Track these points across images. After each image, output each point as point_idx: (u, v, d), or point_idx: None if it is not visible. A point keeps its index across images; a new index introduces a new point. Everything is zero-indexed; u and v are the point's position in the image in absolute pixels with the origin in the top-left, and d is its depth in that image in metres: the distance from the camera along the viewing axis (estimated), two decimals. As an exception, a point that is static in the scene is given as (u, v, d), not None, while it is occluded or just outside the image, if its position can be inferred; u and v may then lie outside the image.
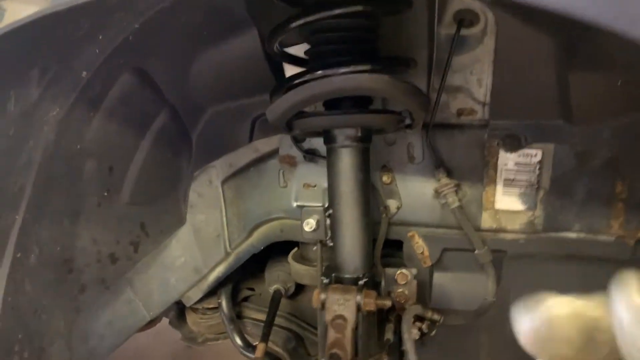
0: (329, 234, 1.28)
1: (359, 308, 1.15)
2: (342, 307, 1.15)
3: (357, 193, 1.21)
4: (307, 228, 1.34)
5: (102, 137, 1.26)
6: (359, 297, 1.15)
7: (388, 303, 1.17)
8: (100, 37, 1.07)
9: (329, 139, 1.20)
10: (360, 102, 1.17)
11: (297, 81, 1.09)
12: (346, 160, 1.20)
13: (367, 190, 1.24)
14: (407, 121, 1.15)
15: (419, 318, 1.25)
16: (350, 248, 1.24)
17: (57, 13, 0.89)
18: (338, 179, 1.22)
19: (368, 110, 1.18)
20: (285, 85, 1.13)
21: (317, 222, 1.34)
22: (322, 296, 1.17)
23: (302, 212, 1.38)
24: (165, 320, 2.02)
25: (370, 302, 1.15)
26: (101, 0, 0.94)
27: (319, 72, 1.06)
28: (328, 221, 1.27)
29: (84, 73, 1.12)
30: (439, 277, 1.46)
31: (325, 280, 1.22)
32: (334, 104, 1.16)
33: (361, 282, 1.20)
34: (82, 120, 1.20)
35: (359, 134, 1.17)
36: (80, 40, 1.04)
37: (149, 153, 1.39)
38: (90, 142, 1.25)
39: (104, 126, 1.25)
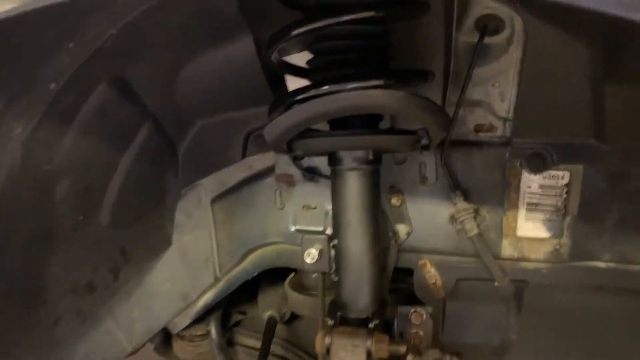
0: (333, 267, 1.14)
1: (369, 355, 1.01)
2: (350, 354, 1.01)
3: (366, 221, 1.08)
4: (308, 259, 1.19)
5: (76, 155, 1.13)
6: (369, 343, 1.01)
7: (403, 349, 1.03)
8: (71, 45, 0.92)
9: (334, 160, 1.07)
10: (369, 120, 1.03)
11: (300, 97, 0.95)
12: (354, 184, 1.06)
13: (376, 218, 1.10)
14: (424, 141, 1.01)
15: (435, 362, 1.12)
16: (358, 284, 1.10)
17: (16, 17, 0.75)
18: (344, 205, 1.08)
19: (382, 131, 1.05)
20: (286, 101, 0.98)
21: (320, 252, 1.20)
22: (327, 340, 1.03)
23: (302, 240, 1.24)
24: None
25: (382, 349, 1.01)
26: (70, 3, 0.80)
27: (326, 86, 0.92)
28: (332, 252, 1.13)
29: (53, 85, 0.98)
30: (452, 309, 1.33)
31: (330, 322, 1.08)
32: (339, 121, 1.02)
33: (371, 324, 1.06)
34: (53, 137, 1.07)
35: (370, 156, 1.03)
36: (47, 48, 0.90)
37: (131, 170, 1.25)
38: (63, 160, 1.11)
39: (78, 143, 1.11)
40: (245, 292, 1.67)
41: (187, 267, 1.48)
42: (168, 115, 1.25)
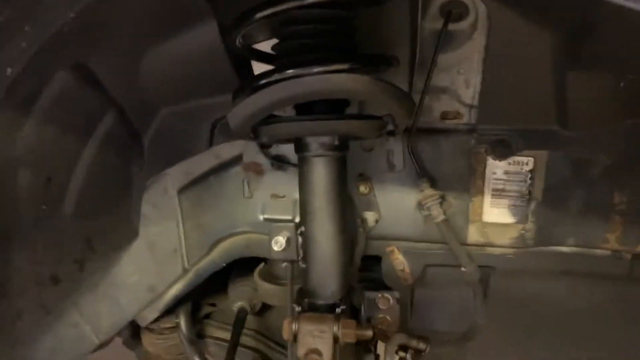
0: (301, 254, 1.14)
1: (336, 340, 1.01)
2: (318, 339, 1.00)
3: (333, 208, 1.07)
4: (275, 247, 1.18)
5: (37, 144, 1.09)
6: (336, 328, 1.01)
7: (369, 333, 1.03)
8: (27, 28, 0.89)
9: (300, 147, 1.06)
10: (336, 106, 1.03)
11: (263, 81, 0.94)
12: (320, 171, 1.05)
13: (343, 205, 1.09)
14: (390, 127, 1.01)
15: (402, 347, 1.12)
16: (325, 270, 1.09)
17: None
18: (311, 192, 1.07)
19: (347, 116, 1.04)
20: (249, 86, 0.97)
21: (288, 240, 1.19)
22: (294, 327, 1.03)
23: (270, 228, 1.22)
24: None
25: (349, 333, 1.01)
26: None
27: (290, 71, 0.91)
28: (300, 239, 1.13)
29: (9, 70, 0.94)
30: (420, 296, 1.34)
31: (298, 308, 1.07)
32: (306, 107, 1.02)
33: (338, 310, 1.06)
34: (11, 125, 1.03)
35: (336, 142, 1.03)
36: (1, 32, 0.87)
37: (94, 160, 1.22)
38: (23, 150, 1.07)
39: (38, 131, 1.08)
40: (215, 284, 1.66)
41: (155, 259, 1.45)
42: (132, 103, 1.22)
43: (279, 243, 1.18)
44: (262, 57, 1.11)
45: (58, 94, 1.06)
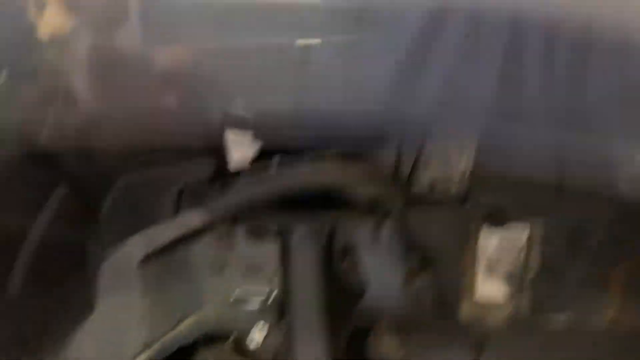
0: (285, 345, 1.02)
1: None
2: None
3: (322, 299, 0.97)
4: (251, 346, 1.05)
5: (-26, 229, 0.96)
6: None
7: None
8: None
9: (284, 232, 0.95)
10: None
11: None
12: (307, 259, 0.95)
13: (332, 291, 0.99)
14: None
15: None
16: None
17: None
18: (296, 283, 0.96)
19: (339, 204, 0.94)
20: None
21: (266, 329, 1.07)
22: None
23: (241, 317, 1.09)
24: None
25: None
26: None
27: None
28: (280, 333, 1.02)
29: None
30: (410, 373, 1.25)
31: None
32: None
33: None
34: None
35: (325, 229, 0.92)
36: None
37: (44, 237, 1.11)
38: (-42, 237, 0.94)
39: (-24, 216, 0.95)
40: (180, 351, 1.54)
41: (113, 335, 1.31)
42: (86, 173, 1.11)
43: (254, 342, 1.05)
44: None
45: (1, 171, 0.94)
